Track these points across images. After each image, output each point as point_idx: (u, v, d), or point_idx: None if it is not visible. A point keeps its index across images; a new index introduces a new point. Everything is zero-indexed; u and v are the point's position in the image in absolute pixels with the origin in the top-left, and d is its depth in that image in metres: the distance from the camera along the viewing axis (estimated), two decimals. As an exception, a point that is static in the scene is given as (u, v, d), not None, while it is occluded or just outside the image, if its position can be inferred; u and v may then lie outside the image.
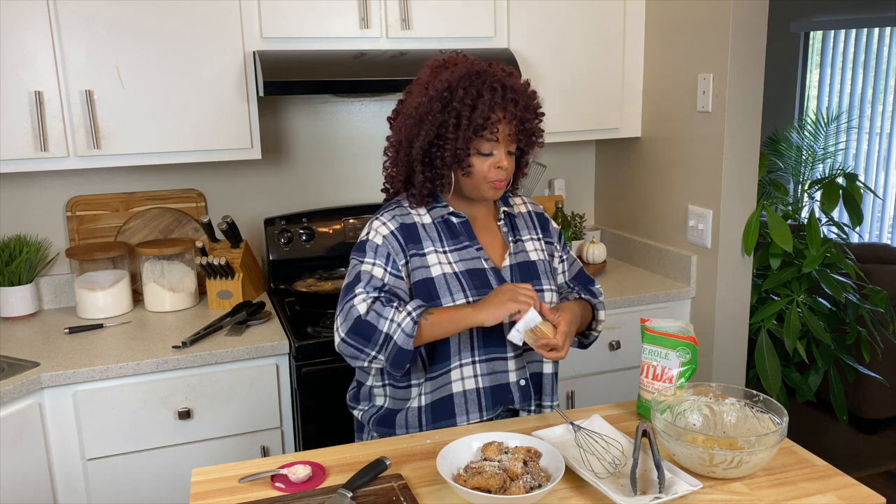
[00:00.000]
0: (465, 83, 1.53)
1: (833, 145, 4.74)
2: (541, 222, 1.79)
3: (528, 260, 1.70)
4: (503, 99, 1.53)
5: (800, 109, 5.17)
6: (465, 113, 1.52)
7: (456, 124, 1.52)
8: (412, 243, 1.60)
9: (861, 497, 1.32)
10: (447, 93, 1.53)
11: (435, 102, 1.54)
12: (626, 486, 1.32)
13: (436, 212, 1.65)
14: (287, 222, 2.63)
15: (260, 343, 2.13)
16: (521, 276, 1.67)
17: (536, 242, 1.75)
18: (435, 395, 1.61)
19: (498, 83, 1.54)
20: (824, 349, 2.75)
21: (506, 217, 1.73)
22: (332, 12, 2.32)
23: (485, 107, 1.51)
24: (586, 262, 2.82)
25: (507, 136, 1.56)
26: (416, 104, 1.57)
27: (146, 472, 2.08)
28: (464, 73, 1.55)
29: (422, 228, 1.63)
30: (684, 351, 1.55)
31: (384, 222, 1.62)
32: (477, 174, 1.57)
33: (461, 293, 1.58)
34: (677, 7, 2.55)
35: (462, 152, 1.54)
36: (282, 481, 1.38)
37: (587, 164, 3.14)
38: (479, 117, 1.51)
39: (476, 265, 1.63)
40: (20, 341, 2.20)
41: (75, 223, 2.51)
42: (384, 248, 1.58)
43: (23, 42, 2.08)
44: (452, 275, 1.60)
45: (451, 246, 1.63)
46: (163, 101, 2.22)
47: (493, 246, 1.69)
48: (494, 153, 1.56)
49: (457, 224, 1.65)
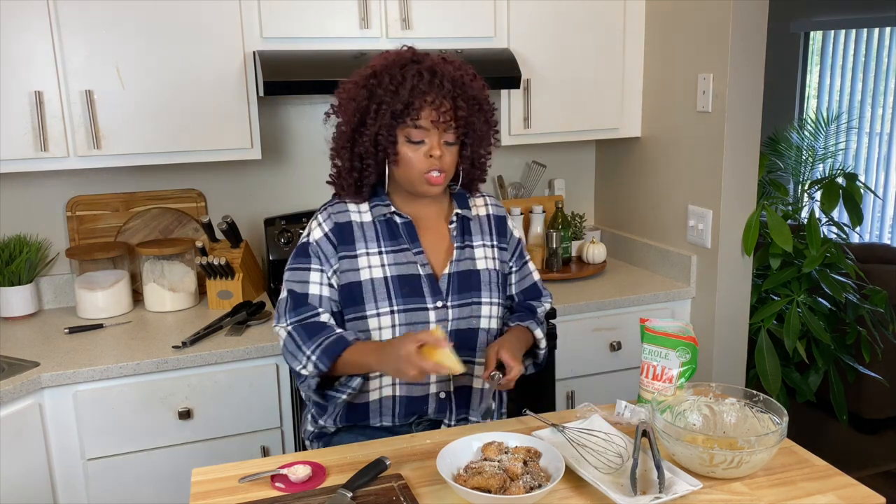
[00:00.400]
0: (393, 70, 1.49)
1: (833, 145, 4.74)
2: (498, 227, 1.70)
3: (471, 269, 1.62)
4: (428, 84, 1.47)
5: (800, 109, 5.17)
6: (387, 98, 1.47)
7: (377, 110, 1.48)
8: (343, 244, 1.56)
9: (861, 497, 1.32)
10: (373, 79, 1.50)
11: (360, 88, 1.51)
12: (626, 486, 1.32)
13: (377, 210, 1.59)
14: (287, 222, 2.63)
15: (260, 343, 2.13)
16: (460, 285, 1.59)
17: (488, 249, 1.66)
18: (353, 398, 1.59)
19: (426, 70, 1.48)
20: (824, 349, 2.74)
21: (458, 219, 1.65)
22: (332, 12, 2.32)
23: (405, 91, 1.46)
24: (586, 262, 2.82)
25: (435, 123, 1.48)
26: (342, 90, 1.55)
27: (146, 472, 2.08)
28: (393, 59, 1.51)
29: (358, 228, 1.58)
30: (684, 351, 1.55)
31: (320, 223, 1.58)
32: (409, 164, 1.51)
33: (386, 301, 1.54)
34: (677, 7, 2.55)
35: (383, 139, 1.49)
36: (282, 481, 1.38)
37: (587, 164, 3.14)
38: (399, 102, 1.46)
39: (410, 270, 1.56)
40: (20, 341, 2.20)
41: (75, 223, 2.51)
42: (319, 250, 1.56)
43: (23, 42, 2.08)
44: (381, 279, 1.55)
45: (388, 247, 1.57)
46: (163, 101, 2.22)
47: (436, 250, 1.61)
48: (426, 141, 1.50)
49: (399, 224, 1.59)
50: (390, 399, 1.60)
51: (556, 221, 2.79)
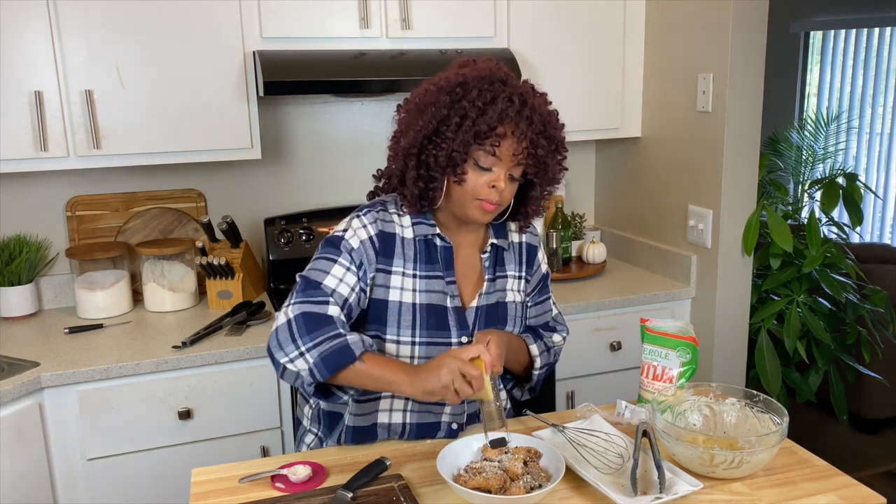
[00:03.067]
0: (483, 84, 1.39)
1: (833, 145, 4.74)
2: (529, 257, 1.62)
3: (501, 301, 1.55)
4: (517, 114, 1.37)
5: (800, 109, 5.17)
6: (472, 115, 1.37)
7: (459, 123, 1.37)
8: (384, 256, 1.47)
9: (861, 497, 1.32)
10: (460, 88, 1.39)
11: (444, 95, 1.40)
12: (627, 486, 1.32)
13: (420, 228, 1.49)
14: (287, 222, 2.63)
15: (260, 343, 2.13)
16: (487, 319, 1.53)
17: (516, 281, 1.59)
18: (358, 421, 1.53)
19: (518, 96, 1.38)
20: (824, 349, 2.74)
21: (493, 249, 1.57)
22: (332, 12, 2.32)
23: (494, 114, 1.36)
24: (586, 262, 2.82)
25: (510, 156, 1.40)
26: (423, 91, 1.44)
27: (146, 472, 2.08)
28: (485, 74, 1.41)
29: (399, 242, 1.48)
30: (684, 351, 1.55)
31: (365, 224, 1.47)
32: (468, 187, 1.41)
33: (409, 329, 1.46)
34: (677, 7, 2.55)
35: (458, 155, 1.38)
36: (282, 481, 1.38)
37: (587, 164, 3.14)
38: (484, 123, 1.36)
39: (439, 301, 1.49)
40: (20, 341, 2.20)
41: (75, 223, 2.51)
42: (359, 254, 1.44)
43: (23, 42, 2.08)
44: (410, 305, 1.47)
45: (423, 271, 1.49)
46: (163, 101, 2.22)
47: (467, 279, 1.54)
48: (494, 170, 1.40)
49: (439, 248, 1.51)
50: (399, 426, 1.54)
51: (556, 221, 2.79)
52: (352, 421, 1.54)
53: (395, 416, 1.54)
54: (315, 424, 1.63)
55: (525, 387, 1.67)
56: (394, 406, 1.53)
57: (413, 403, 1.53)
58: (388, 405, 1.53)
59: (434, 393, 1.31)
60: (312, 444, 1.63)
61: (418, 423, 1.54)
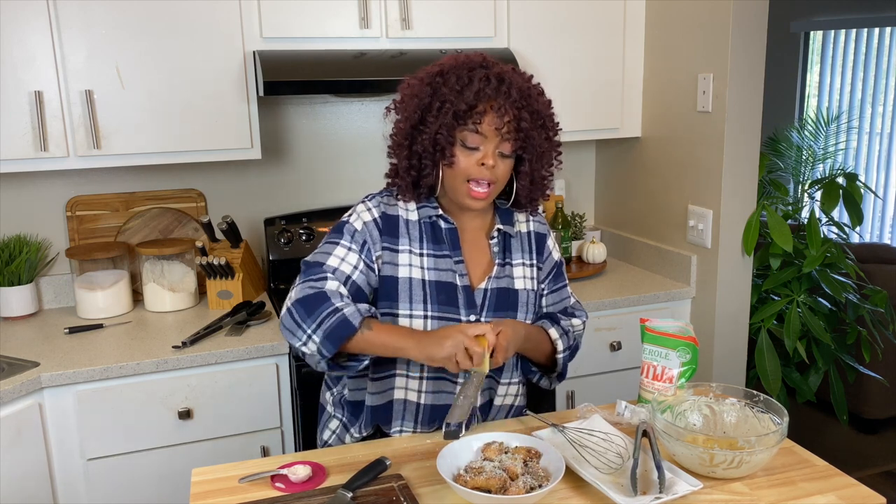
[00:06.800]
0: (461, 71, 1.45)
1: (833, 145, 4.74)
2: (538, 245, 1.66)
3: (510, 287, 1.59)
4: (495, 91, 1.43)
5: (800, 109, 5.17)
6: (451, 98, 1.43)
7: (439, 108, 1.44)
8: (388, 236, 1.52)
9: (861, 497, 1.32)
10: (439, 77, 1.46)
11: (424, 86, 1.47)
12: (627, 486, 1.32)
13: (424, 211, 1.55)
14: (287, 222, 2.63)
15: (260, 343, 2.13)
16: (497, 303, 1.56)
17: (528, 269, 1.63)
18: (375, 400, 1.57)
19: (494, 76, 1.44)
20: (824, 349, 2.74)
21: (500, 235, 1.61)
22: (332, 12, 2.32)
23: (470, 94, 1.42)
24: (586, 262, 2.82)
25: (494, 131, 1.44)
26: (406, 86, 1.52)
27: (146, 472, 2.08)
28: (463, 61, 1.48)
29: (404, 224, 1.54)
30: (684, 351, 1.55)
31: (370, 208, 1.55)
32: (459, 169, 1.46)
33: (421, 304, 1.50)
34: (677, 7, 2.55)
35: (442, 138, 1.44)
36: (282, 481, 1.38)
37: (587, 164, 3.14)
38: (463, 103, 1.42)
39: (448, 278, 1.53)
40: (20, 341, 2.20)
41: (75, 223, 2.51)
42: (361, 234, 1.51)
43: (23, 42, 2.08)
44: (419, 281, 1.51)
45: (430, 250, 1.54)
46: (163, 101, 2.22)
47: (477, 263, 1.58)
48: (481, 148, 1.45)
49: (444, 229, 1.55)
50: (414, 405, 1.57)
51: (556, 221, 2.79)
52: (370, 400, 1.58)
53: (411, 394, 1.57)
54: (339, 410, 1.67)
55: (552, 375, 1.69)
56: (409, 385, 1.57)
57: (427, 383, 1.56)
58: (404, 383, 1.57)
59: (436, 361, 1.39)
60: (338, 430, 1.66)
61: (432, 404, 1.57)
